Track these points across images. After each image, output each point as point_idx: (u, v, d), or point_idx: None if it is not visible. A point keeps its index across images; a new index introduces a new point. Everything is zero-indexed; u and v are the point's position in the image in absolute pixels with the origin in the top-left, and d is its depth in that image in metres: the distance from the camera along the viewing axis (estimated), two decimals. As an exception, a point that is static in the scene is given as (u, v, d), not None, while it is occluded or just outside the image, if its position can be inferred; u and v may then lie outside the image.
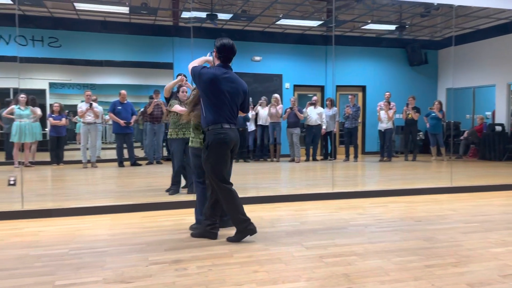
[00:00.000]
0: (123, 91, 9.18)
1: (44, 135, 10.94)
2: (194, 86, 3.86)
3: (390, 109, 10.27)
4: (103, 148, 11.06)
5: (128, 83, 11.43)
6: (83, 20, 10.41)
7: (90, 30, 10.32)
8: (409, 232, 3.94)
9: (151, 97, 9.58)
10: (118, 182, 7.28)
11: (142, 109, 10.32)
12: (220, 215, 3.80)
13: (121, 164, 9.10)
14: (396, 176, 7.76)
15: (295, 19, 10.72)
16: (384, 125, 10.31)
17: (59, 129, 9.47)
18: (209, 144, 3.54)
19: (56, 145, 9.51)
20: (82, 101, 9.17)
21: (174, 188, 5.70)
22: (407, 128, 10.60)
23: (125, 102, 9.13)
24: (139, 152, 10.28)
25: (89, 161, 9.15)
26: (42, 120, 9.74)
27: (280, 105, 10.29)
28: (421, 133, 11.96)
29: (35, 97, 9.43)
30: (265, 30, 11.63)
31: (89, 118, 8.90)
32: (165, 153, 10.15)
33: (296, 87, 12.04)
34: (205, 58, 3.84)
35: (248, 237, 3.61)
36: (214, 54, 3.67)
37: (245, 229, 3.57)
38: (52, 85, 14.29)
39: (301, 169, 8.86)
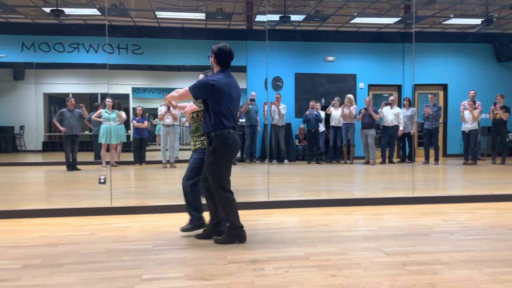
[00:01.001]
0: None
1: (128, 137, 11.69)
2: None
3: (475, 108, 9.58)
4: (180, 149, 11.56)
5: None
6: (163, 27, 10.98)
7: (170, 37, 10.86)
8: (502, 242, 3.63)
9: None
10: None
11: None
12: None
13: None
14: (483, 181, 7.20)
15: (371, 17, 10.41)
16: (469, 125, 9.63)
17: (142, 131, 10.06)
18: (216, 149, 3.52)
19: (138, 146, 10.13)
20: (162, 105, 9.66)
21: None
22: (495, 129, 9.81)
23: (202, 104, 9.45)
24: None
25: (168, 162, 9.62)
26: (126, 123, 10.42)
27: (354, 106, 10.05)
28: (510, 134, 11.00)
29: (121, 101, 10.11)
30: (339, 30, 11.43)
31: (168, 120, 9.36)
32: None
33: (370, 86, 11.68)
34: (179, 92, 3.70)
35: (324, 243, 3.55)
36: (212, 59, 3.64)
37: (237, 235, 3.62)
38: (134, 89, 15.29)
39: (377, 172, 8.56)
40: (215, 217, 3.80)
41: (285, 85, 11.27)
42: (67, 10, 9.18)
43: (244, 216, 4.68)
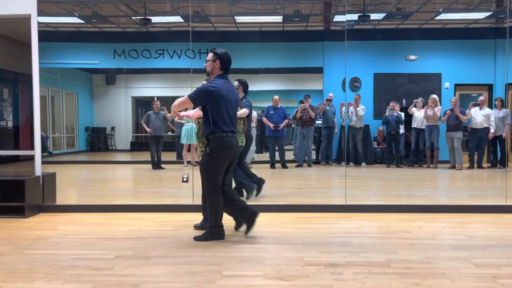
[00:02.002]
0: (275, 96, 9.63)
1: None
2: None
3: None
4: (256, 151, 11.76)
5: (281, 88, 11.95)
6: (241, 31, 11.26)
7: (248, 41, 11.11)
8: None
9: (301, 102, 9.83)
10: (271, 183, 7.64)
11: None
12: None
13: (273, 166, 9.54)
14: None
15: (458, 12, 9.77)
16: None
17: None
18: (212, 150, 3.66)
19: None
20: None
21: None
22: None
23: (278, 107, 9.55)
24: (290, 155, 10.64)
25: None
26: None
27: (439, 107, 9.48)
28: None
29: (201, 104, 10.52)
30: (422, 27, 10.87)
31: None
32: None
33: (457, 86, 10.94)
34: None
35: (406, 250, 3.41)
36: (216, 64, 3.72)
37: (217, 233, 3.80)
38: (213, 92, 15.83)
39: (464, 177, 8.01)
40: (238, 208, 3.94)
41: (363, 85, 10.97)
42: (154, 19, 9.80)
43: (321, 218, 4.65)
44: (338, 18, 10.30)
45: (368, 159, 10.16)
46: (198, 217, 4.75)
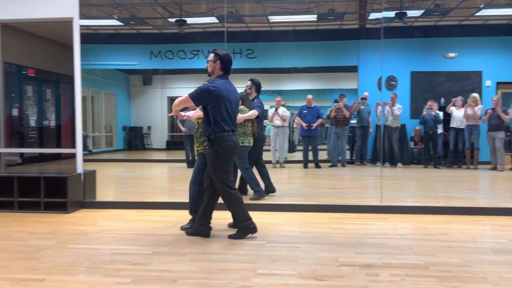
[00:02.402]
0: (309, 96, 9.57)
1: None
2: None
3: None
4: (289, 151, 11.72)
5: (314, 87, 11.87)
6: (275, 31, 11.27)
7: (281, 40, 11.10)
8: None
9: (336, 101, 9.74)
10: (304, 182, 7.63)
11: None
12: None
13: (306, 166, 9.50)
14: None
15: (501, 7, 9.39)
16: None
17: (254, 132, 10.44)
18: (217, 151, 3.70)
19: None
20: (272, 107, 9.93)
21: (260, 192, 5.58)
22: None
23: (312, 106, 9.49)
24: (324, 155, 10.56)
25: (277, 162, 9.84)
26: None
27: (480, 106, 9.14)
28: None
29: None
30: (462, 24, 10.51)
31: (277, 122, 9.58)
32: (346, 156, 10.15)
33: (499, 84, 10.50)
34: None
35: (445, 253, 3.32)
36: (217, 64, 3.76)
37: (249, 227, 3.82)
38: (247, 92, 15.96)
39: (506, 179, 7.69)
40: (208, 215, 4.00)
41: (400, 84, 10.73)
42: (189, 20, 9.96)
43: (355, 219, 4.60)
44: (373, 15, 10.11)
45: (404, 159, 9.93)
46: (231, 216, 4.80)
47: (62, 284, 2.76)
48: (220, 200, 3.95)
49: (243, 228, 3.86)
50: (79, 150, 5.35)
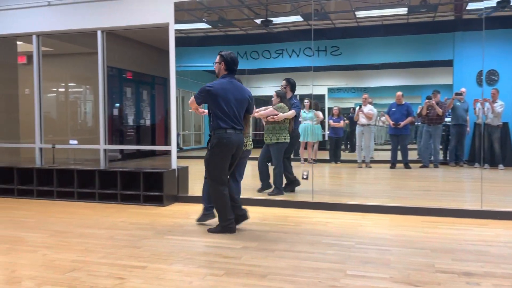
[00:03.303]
0: (398, 93, 9.17)
1: (323, 135, 12.10)
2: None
3: None
4: (376, 149, 11.34)
5: (403, 84, 11.32)
6: (362, 27, 10.95)
7: (368, 36, 10.76)
8: None
9: (428, 98, 9.20)
10: (391, 183, 7.33)
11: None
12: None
13: (393, 166, 9.11)
14: None
15: None
16: None
17: (338, 131, 10.28)
18: (212, 146, 3.88)
19: (334, 145, 10.38)
20: (357, 104, 9.67)
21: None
22: None
23: (402, 103, 9.08)
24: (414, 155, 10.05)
25: (363, 161, 9.57)
26: (322, 122, 10.80)
27: None
28: None
29: (318, 102, 10.54)
30: None
31: (363, 120, 9.32)
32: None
33: None
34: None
35: None
36: (221, 65, 3.97)
37: (227, 227, 3.95)
38: (330, 90, 15.68)
39: None
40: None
41: (502, 79, 9.81)
42: (275, 20, 10.07)
43: (451, 223, 4.32)
44: (472, 5, 9.36)
45: (506, 160, 9.08)
46: (317, 214, 4.80)
47: (161, 272, 2.96)
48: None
49: (222, 226, 3.98)
50: (173, 147, 5.69)
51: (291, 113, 5.64)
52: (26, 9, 6.26)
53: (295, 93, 6.53)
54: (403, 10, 9.44)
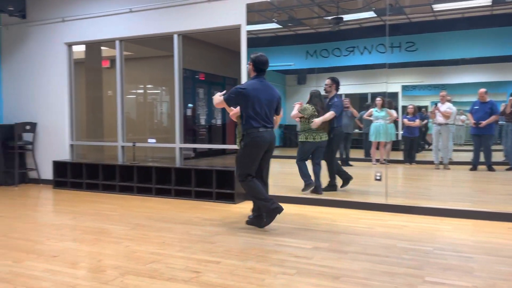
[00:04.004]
0: (481, 90, 8.54)
1: (397, 135, 11.63)
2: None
3: None
4: (455, 150, 10.68)
5: (487, 80, 10.54)
6: (440, 20, 10.36)
7: (447, 30, 10.16)
8: None
9: (513, 95, 8.48)
10: (473, 186, 6.86)
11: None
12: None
13: (474, 168, 8.51)
14: None
15: None
16: None
17: (413, 130, 9.82)
18: (246, 145, 4.03)
19: (409, 145, 9.93)
20: (433, 102, 9.16)
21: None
22: None
23: (486, 101, 8.46)
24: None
25: (441, 163, 9.05)
26: (396, 121, 10.38)
27: None
28: None
29: (392, 100, 10.15)
30: None
31: (440, 119, 8.81)
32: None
33: None
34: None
35: None
36: (251, 67, 4.14)
37: (271, 209, 3.99)
38: (404, 87, 15.03)
39: None
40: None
41: None
42: (346, 17, 9.87)
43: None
44: None
45: None
46: (391, 217, 4.63)
47: (234, 268, 3.04)
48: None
49: (265, 206, 4.02)
50: (244, 146, 5.79)
51: (329, 115, 5.93)
52: (110, 16, 6.73)
53: (338, 92, 6.59)
54: (487, 1, 8.79)
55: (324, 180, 6.00)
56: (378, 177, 5.29)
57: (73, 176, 6.76)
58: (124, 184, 6.31)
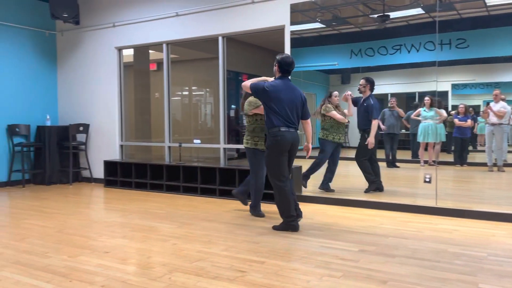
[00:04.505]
0: (539, 87, 8.05)
1: (446, 136, 11.18)
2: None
3: None
4: (510, 151, 10.12)
5: (545, 77, 9.91)
6: (494, 15, 9.86)
7: (502, 25, 9.65)
8: None
9: None
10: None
11: None
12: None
13: (533, 170, 8.02)
14: None
15: None
16: None
17: (464, 131, 9.40)
18: (269, 145, 4.08)
19: (460, 146, 9.52)
20: (486, 101, 8.73)
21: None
22: None
23: (543, 99, 7.96)
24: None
25: (494, 165, 8.61)
26: (445, 121, 9.97)
27: None
28: None
29: (441, 99, 9.77)
30: None
31: (494, 119, 8.37)
32: None
33: None
34: (263, 78, 4.40)
35: None
36: (276, 68, 4.20)
37: (289, 224, 4.04)
38: (454, 86, 14.41)
39: None
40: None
41: None
42: (392, 14, 9.61)
43: None
44: None
45: None
46: (441, 221, 4.47)
47: (279, 268, 3.04)
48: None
49: (286, 222, 4.06)
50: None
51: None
52: (157, 20, 6.94)
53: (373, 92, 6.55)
54: (547, -7, 8.26)
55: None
56: (427, 179, 5.12)
57: (123, 175, 7.03)
58: (171, 183, 6.47)
